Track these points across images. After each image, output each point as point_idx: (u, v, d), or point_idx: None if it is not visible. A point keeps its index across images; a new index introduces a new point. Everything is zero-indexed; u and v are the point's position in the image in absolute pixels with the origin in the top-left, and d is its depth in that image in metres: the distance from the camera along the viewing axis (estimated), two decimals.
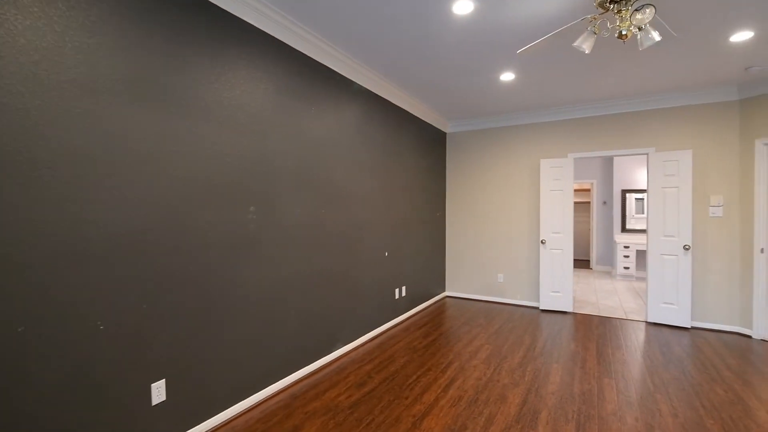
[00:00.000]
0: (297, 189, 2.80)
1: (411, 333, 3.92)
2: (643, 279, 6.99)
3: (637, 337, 3.81)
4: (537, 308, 4.91)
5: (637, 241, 7.00)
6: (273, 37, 2.56)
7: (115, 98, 1.71)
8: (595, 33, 2.06)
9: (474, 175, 5.38)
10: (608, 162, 7.87)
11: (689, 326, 4.07)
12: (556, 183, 4.71)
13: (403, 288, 4.40)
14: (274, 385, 2.61)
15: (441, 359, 3.23)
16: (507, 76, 3.63)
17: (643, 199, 7.34)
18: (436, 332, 3.94)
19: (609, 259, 7.85)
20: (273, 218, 2.59)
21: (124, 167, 1.75)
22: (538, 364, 3.14)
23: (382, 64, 3.37)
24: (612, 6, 1.97)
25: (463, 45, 2.97)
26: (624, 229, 7.48)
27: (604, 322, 4.34)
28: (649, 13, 1.78)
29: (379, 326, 3.93)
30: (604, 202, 7.98)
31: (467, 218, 5.44)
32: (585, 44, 2.09)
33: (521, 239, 5.05)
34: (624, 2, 1.90)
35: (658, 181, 4.21)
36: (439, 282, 5.40)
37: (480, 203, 5.34)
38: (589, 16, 2.08)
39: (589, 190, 9.62)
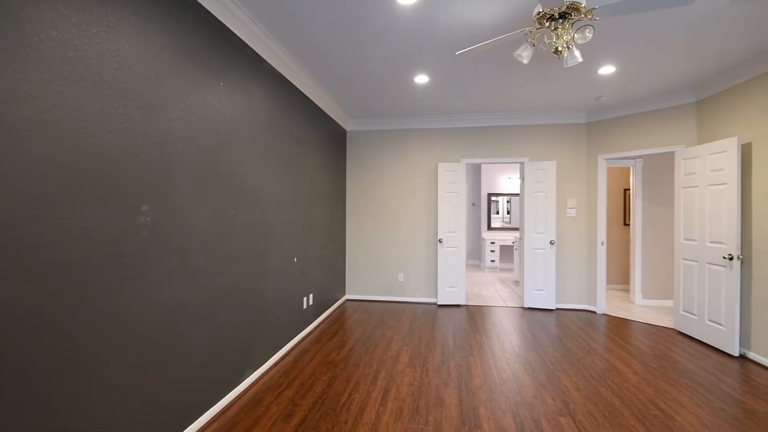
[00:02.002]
0: (203, 183, 2.21)
1: (324, 344, 3.60)
2: (506, 270, 8.18)
3: (522, 321, 4.36)
4: (435, 304, 5.17)
5: (501, 237, 8.14)
6: None
7: None
8: (533, 45, 2.19)
9: (374, 175, 5.35)
10: (477, 168, 8.94)
11: (554, 308, 4.87)
12: (451, 186, 5.04)
13: (311, 296, 4.03)
14: None
15: (366, 370, 3.04)
16: (422, 79, 3.66)
17: (499, 201, 8.59)
18: (350, 340, 3.71)
19: (478, 253, 8.92)
20: (173, 222, 1.96)
21: None
22: (457, 359, 3.25)
23: (297, 44, 2.97)
24: (549, 23, 2.12)
25: (392, 36, 2.84)
26: (489, 228, 8.61)
27: (492, 311, 4.85)
28: (587, 34, 1.96)
29: (289, 341, 3.49)
30: (473, 204, 9.03)
31: (368, 219, 5.37)
32: (524, 54, 2.20)
33: (420, 239, 5.25)
34: (561, 21, 2.07)
35: (531, 186, 4.92)
36: (340, 286, 5.18)
37: (380, 204, 5.34)
38: (527, 29, 2.20)
39: None
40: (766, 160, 3.08)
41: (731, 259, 3.28)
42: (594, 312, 4.77)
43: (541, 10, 2.09)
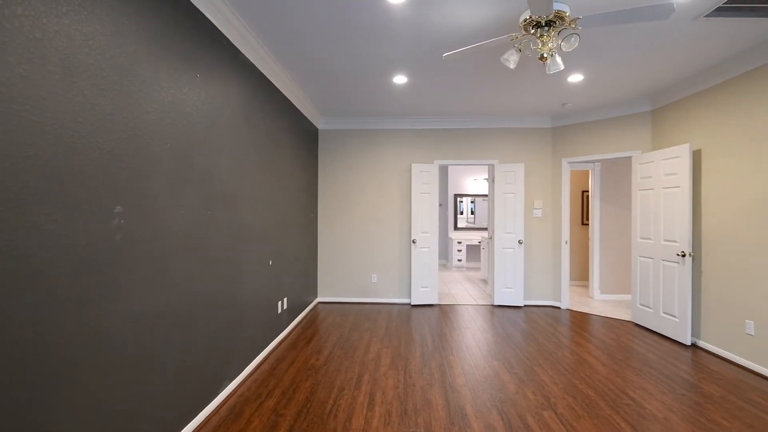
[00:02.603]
0: (179, 183, 2.04)
1: (301, 350, 3.48)
2: (473, 269, 8.40)
3: (494, 319, 4.49)
4: (408, 304, 5.19)
5: (467, 237, 8.35)
6: None
7: None
8: (520, 50, 2.25)
9: (347, 175, 5.27)
10: (444, 170, 9.10)
11: (522, 305, 5.07)
12: (425, 186, 5.09)
13: (285, 300, 3.89)
14: None
15: (348, 374, 2.97)
16: (400, 79, 3.66)
17: (463, 202, 8.82)
18: (327, 344, 3.62)
19: (445, 253, 9.09)
20: (148, 224, 1.79)
21: None
22: (438, 359, 3.27)
23: (274, 36, 2.85)
24: (535, 30, 2.19)
25: (375, 35, 2.80)
26: (456, 228, 8.80)
27: (464, 309, 4.95)
28: (573, 42, 2.04)
29: (265, 348, 3.34)
30: (440, 205, 9.19)
31: (340, 220, 5.29)
32: (511, 59, 2.26)
33: (394, 239, 5.24)
34: (546, 29, 2.14)
35: (501, 187, 5.08)
36: (312, 288, 5.05)
37: (353, 205, 5.27)
38: (513, 35, 2.25)
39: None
40: (715, 165, 3.39)
41: (683, 256, 3.58)
42: (559, 308, 5.01)
43: (528, 17, 2.15)
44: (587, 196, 6.21)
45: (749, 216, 3.05)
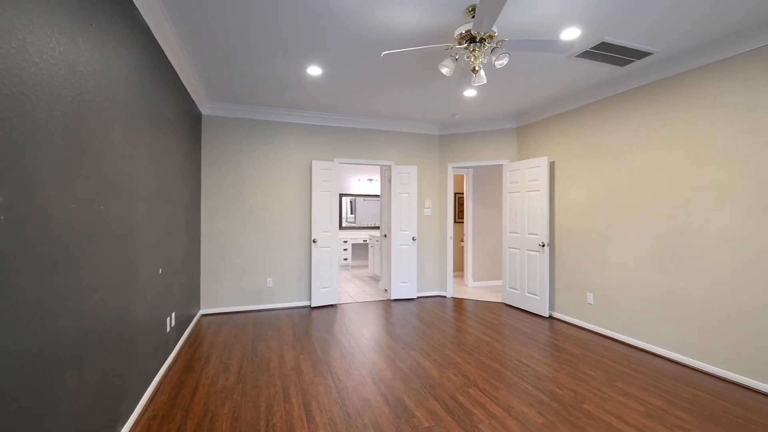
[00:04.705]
0: (71, 167, 1.50)
1: (201, 371, 2.97)
2: (359, 267, 8.60)
3: (396, 312, 4.72)
4: (309, 306, 4.99)
5: (351, 236, 8.51)
6: None
7: None
8: (456, 60, 2.44)
9: (240, 170, 4.73)
10: None
11: (416, 297, 5.47)
12: (326, 184, 4.98)
13: (173, 315, 3.25)
14: None
15: (271, 389, 2.68)
16: (315, 71, 3.49)
17: (343, 201, 9.01)
18: (233, 360, 3.19)
19: None
20: (37, 223, 1.26)
21: None
22: (359, 357, 3.25)
23: None
24: (468, 44, 2.41)
25: (302, 18, 2.61)
26: (341, 227, 8.87)
27: (365, 306, 5.05)
28: (503, 60, 2.33)
29: (156, 375, 2.72)
30: None
31: (231, 220, 4.71)
32: (449, 66, 2.43)
33: (292, 240, 4.96)
34: (479, 44, 2.38)
35: (397, 187, 5.37)
36: (196, 299, 4.35)
37: (245, 203, 4.77)
38: (449, 45, 2.43)
39: None
40: (563, 174, 4.35)
41: (543, 246, 4.48)
42: (445, 296, 5.60)
43: (464, 32, 2.36)
44: (460, 198, 7.12)
45: (588, 214, 4.03)
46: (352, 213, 9.14)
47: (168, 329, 3.09)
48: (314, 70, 3.49)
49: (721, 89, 2.89)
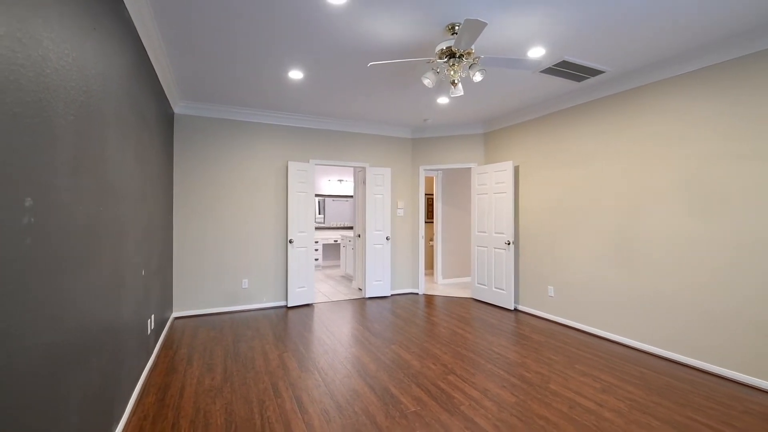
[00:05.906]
0: (79, 170, 1.53)
1: (186, 373, 2.97)
2: (331, 267, 8.66)
3: (372, 309, 4.88)
4: (285, 306, 5.03)
5: (323, 236, 8.55)
6: None
7: None
8: (437, 72, 2.64)
9: (215, 171, 4.68)
10: None
11: (389, 294, 5.66)
12: (302, 185, 5.04)
13: (152, 317, 3.21)
14: None
15: (260, 385, 2.75)
16: (296, 74, 3.57)
17: (314, 201, 9.05)
18: (216, 361, 3.21)
19: None
20: (55, 225, 1.30)
21: None
22: (342, 352, 3.38)
23: None
24: (447, 59, 2.62)
25: (290, 24, 2.71)
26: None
27: (341, 305, 5.17)
28: (479, 76, 2.56)
29: (140, 377, 2.70)
30: None
31: (204, 221, 4.64)
32: (431, 79, 2.63)
33: (268, 240, 4.97)
34: (458, 59, 2.60)
35: (371, 189, 5.53)
36: (168, 302, 4.26)
37: (220, 204, 4.72)
38: (430, 58, 2.63)
39: None
40: (527, 178, 4.71)
41: (508, 243, 4.83)
42: (417, 293, 5.84)
43: (444, 47, 2.57)
44: (430, 198, 7.40)
45: (549, 214, 4.41)
46: (320, 213, 9.18)
47: (149, 332, 3.05)
48: (296, 74, 3.57)
49: (661, 106, 3.33)
